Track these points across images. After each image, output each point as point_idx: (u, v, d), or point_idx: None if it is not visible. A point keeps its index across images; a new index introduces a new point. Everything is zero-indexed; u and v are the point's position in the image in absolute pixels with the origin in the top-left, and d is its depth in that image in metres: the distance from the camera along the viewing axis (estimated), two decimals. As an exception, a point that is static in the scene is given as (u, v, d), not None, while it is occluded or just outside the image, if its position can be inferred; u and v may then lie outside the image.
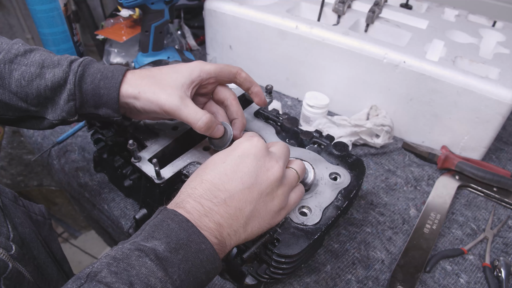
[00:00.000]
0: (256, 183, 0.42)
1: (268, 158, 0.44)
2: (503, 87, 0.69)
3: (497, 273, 0.61)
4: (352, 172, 0.56)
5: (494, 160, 0.83)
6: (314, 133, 0.61)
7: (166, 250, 0.35)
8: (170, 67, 0.52)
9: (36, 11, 0.76)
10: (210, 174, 0.42)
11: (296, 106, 0.93)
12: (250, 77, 0.56)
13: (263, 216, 0.43)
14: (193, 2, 1.20)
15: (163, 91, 0.49)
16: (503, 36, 0.87)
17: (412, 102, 0.79)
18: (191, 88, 0.51)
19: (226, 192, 0.41)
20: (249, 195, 0.41)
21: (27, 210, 0.49)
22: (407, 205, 0.72)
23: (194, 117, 0.48)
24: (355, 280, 0.59)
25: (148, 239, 0.36)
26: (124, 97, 0.50)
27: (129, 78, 0.50)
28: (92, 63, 0.51)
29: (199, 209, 0.39)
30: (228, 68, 0.54)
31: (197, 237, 0.37)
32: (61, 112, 0.50)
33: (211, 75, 0.52)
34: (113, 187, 0.72)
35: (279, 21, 0.84)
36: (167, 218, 0.38)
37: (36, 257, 0.44)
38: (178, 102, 0.48)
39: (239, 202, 0.41)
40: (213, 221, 0.39)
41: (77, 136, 0.82)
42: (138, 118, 0.57)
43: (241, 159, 0.43)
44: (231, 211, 0.40)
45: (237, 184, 0.41)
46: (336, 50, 0.81)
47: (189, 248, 0.36)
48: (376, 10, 0.87)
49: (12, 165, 0.99)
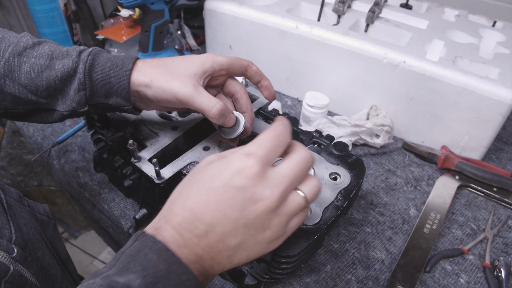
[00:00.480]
0: (242, 216, 0.36)
1: (261, 187, 0.36)
2: (503, 87, 0.69)
3: (497, 273, 0.61)
4: (352, 172, 0.56)
5: (494, 160, 0.83)
6: (314, 133, 0.61)
7: (142, 285, 0.32)
8: (182, 57, 0.52)
9: (36, 11, 0.76)
10: (191, 200, 0.37)
11: (296, 106, 0.93)
12: (260, 71, 0.55)
13: (251, 248, 0.38)
14: (193, 2, 1.20)
15: (176, 80, 0.48)
16: (503, 36, 0.87)
17: (412, 102, 0.79)
18: (203, 78, 0.51)
19: (208, 225, 0.36)
20: (234, 229, 0.36)
21: (32, 210, 0.49)
22: (407, 205, 0.72)
23: (208, 105, 0.48)
24: (355, 280, 0.59)
25: (122, 272, 0.33)
26: (136, 85, 0.49)
27: (140, 66, 0.50)
28: (102, 53, 0.51)
29: (178, 239, 0.36)
30: (240, 61, 0.54)
31: (177, 268, 0.34)
32: (71, 102, 0.50)
33: (223, 67, 0.52)
34: (113, 187, 0.72)
35: (279, 21, 0.84)
36: (145, 247, 0.35)
37: (40, 258, 0.44)
38: (192, 90, 0.48)
39: (222, 236, 0.36)
40: (193, 253, 0.36)
41: (77, 136, 0.82)
42: (149, 108, 0.56)
43: (226, 189, 0.36)
44: (212, 245, 0.36)
45: (219, 217, 0.36)
46: (336, 50, 0.81)
47: (168, 281, 0.33)
48: (376, 10, 0.87)
49: (12, 165, 0.99)
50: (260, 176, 0.36)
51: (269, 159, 0.38)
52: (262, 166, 0.37)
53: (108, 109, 0.54)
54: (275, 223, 0.37)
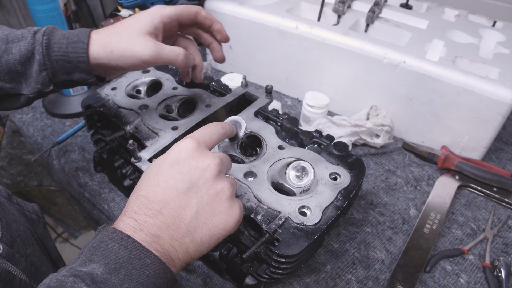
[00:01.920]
0: (192, 185, 0.39)
1: (202, 158, 0.41)
2: (503, 87, 0.69)
3: (497, 273, 0.61)
4: (352, 172, 0.56)
5: (494, 160, 0.83)
6: (314, 133, 0.61)
7: (105, 272, 0.33)
8: (130, 18, 0.53)
9: (36, 11, 0.76)
10: (144, 190, 0.40)
11: (296, 106, 0.93)
12: (210, 15, 0.57)
13: (211, 220, 0.39)
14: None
15: (135, 44, 0.50)
16: (503, 36, 0.87)
17: (412, 102, 0.79)
18: (158, 33, 0.53)
19: (160, 203, 0.38)
20: (187, 200, 0.39)
21: (21, 208, 0.50)
22: (407, 205, 0.72)
23: (173, 54, 0.51)
24: (355, 280, 0.59)
25: (85, 263, 0.34)
26: (97, 59, 0.51)
27: (95, 38, 0.51)
28: (56, 30, 0.51)
29: (133, 225, 0.37)
30: (188, 9, 0.55)
31: (139, 253, 0.35)
32: (35, 84, 0.51)
33: (172, 18, 0.54)
34: (113, 187, 0.72)
35: (279, 21, 0.84)
36: (106, 238, 0.36)
37: (30, 254, 0.44)
38: (154, 48, 0.50)
39: (177, 210, 0.38)
40: (149, 234, 0.37)
41: (77, 136, 0.82)
42: (113, 76, 0.58)
43: (172, 166, 0.40)
44: (168, 221, 0.38)
45: (170, 192, 0.39)
46: (336, 50, 0.81)
47: (131, 266, 0.34)
48: (376, 10, 0.87)
49: (12, 165, 0.99)
50: (198, 150, 0.41)
51: (204, 140, 0.43)
52: (198, 143, 0.42)
53: (73, 85, 0.55)
54: (224, 187, 0.40)
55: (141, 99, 0.67)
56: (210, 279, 0.58)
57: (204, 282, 0.59)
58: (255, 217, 0.47)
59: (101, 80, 0.56)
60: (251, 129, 0.61)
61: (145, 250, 0.35)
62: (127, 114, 0.62)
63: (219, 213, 0.40)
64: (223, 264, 0.57)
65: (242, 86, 0.70)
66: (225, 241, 0.57)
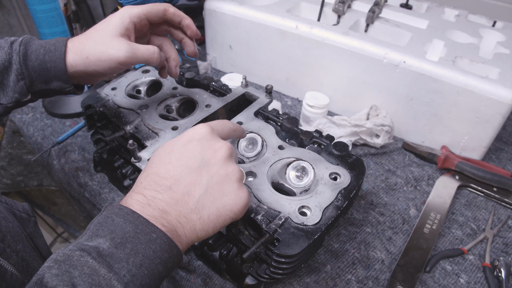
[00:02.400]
0: (203, 164, 0.40)
1: (214, 141, 0.43)
2: (503, 87, 0.69)
3: (497, 273, 0.61)
4: (352, 172, 0.56)
5: (494, 160, 0.83)
6: (314, 133, 0.61)
7: (111, 247, 0.34)
8: (101, 22, 0.54)
9: (36, 11, 0.76)
10: (155, 167, 0.41)
11: (296, 106, 0.93)
12: (179, 11, 0.58)
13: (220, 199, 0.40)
14: (193, 2, 1.20)
15: (110, 47, 0.50)
16: (503, 36, 0.87)
17: (412, 102, 0.79)
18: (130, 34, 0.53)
19: (171, 179, 0.39)
20: (197, 178, 0.40)
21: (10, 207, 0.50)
22: (407, 205, 0.72)
23: (148, 53, 0.52)
24: (355, 280, 0.59)
25: (92, 238, 0.35)
26: (74, 66, 0.51)
27: (71, 47, 0.52)
28: (33, 40, 0.52)
29: (142, 200, 0.38)
30: (156, 7, 0.56)
31: (145, 227, 0.36)
32: (13, 93, 0.51)
33: (141, 17, 0.54)
34: (113, 187, 0.72)
35: (279, 21, 0.84)
36: (112, 214, 0.37)
37: (20, 250, 0.44)
38: (128, 49, 0.51)
39: (187, 187, 0.39)
40: (157, 209, 0.38)
41: (77, 136, 0.82)
42: (92, 82, 0.58)
43: (185, 146, 0.42)
44: (177, 197, 0.39)
45: (182, 169, 0.40)
46: (336, 50, 0.81)
47: (137, 240, 0.35)
48: (376, 10, 0.87)
49: (12, 165, 0.99)
50: (212, 134, 0.43)
51: (217, 129, 0.45)
52: (212, 129, 0.44)
53: (51, 94, 0.55)
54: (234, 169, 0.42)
55: (141, 99, 0.67)
56: (210, 279, 0.58)
57: (204, 282, 0.59)
58: (255, 217, 0.47)
59: (79, 89, 0.57)
60: (251, 129, 0.61)
61: (151, 225, 0.36)
62: (127, 114, 0.62)
63: (228, 193, 0.41)
64: (223, 264, 0.57)
65: (242, 86, 0.70)
66: (225, 241, 0.57)
